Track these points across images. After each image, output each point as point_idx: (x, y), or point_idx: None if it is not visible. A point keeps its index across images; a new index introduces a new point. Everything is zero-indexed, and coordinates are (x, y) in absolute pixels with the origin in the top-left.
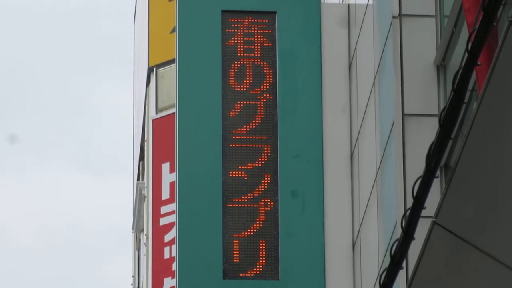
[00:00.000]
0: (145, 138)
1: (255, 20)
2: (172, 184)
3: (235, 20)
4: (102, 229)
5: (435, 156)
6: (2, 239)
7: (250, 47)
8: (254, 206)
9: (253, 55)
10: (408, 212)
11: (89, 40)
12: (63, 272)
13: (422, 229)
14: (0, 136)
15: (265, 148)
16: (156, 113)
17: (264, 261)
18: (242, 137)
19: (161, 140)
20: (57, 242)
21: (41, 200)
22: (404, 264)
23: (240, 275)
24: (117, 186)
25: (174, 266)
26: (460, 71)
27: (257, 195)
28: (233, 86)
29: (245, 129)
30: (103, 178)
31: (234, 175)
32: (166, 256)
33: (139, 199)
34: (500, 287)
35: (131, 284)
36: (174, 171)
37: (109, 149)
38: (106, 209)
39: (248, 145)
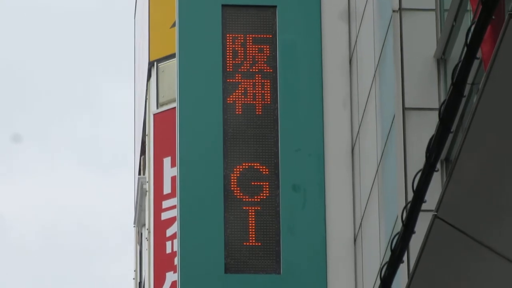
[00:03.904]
0: (146, 133)
1: (255, 14)
2: (173, 179)
3: (235, 14)
4: (105, 224)
5: (435, 149)
6: (6, 236)
7: (251, 41)
8: (255, 200)
9: (254, 49)
10: (408, 206)
11: (91, 37)
12: (66, 267)
13: (422, 222)
14: (5, 136)
15: (266, 143)
16: (157, 108)
17: (266, 255)
18: (243, 131)
19: (162, 134)
20: (61, 238)
21: (45, 196)
22: (405, 258)
23: (242, 269)
24: (121, 182)
25: (176, 261)
26: (460, 64)
27: (258, 189)
28: (233, 80)
29: (245, 123)
30: (107, 174)
31: (235, 169)
32: (168, 250)
33: (141, 193)
34: (501, 280)
35: (133, 279)
36: (175, 166)
37: (113, 145)
38: (110, 204)
39: (249, 139)
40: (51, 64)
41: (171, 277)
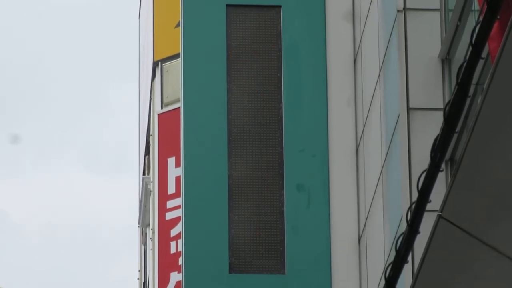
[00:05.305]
0: (151, 133)
1: (260, 14)
2: (177, 179)
3: (240, 14)
4: (109, 225)
5: (440, 150)
6: (10, 235)
7: (255, 41)
8: (260, 200)
9: (258, 49)
10: (413, 206)
11: (96, 37)
12: (70, 267)
13: (427, 223)
14: (6, 135)
15: (270, 142)
16: (162, 108)
17: (270, 255)
18: (247, 131)
19: (166, 134)
20: (65, 237)
21: (50, 196)
22: (409, 258)
23: (246, 269)
24: (125, 182)
25: (180, 261)
26: (464, 64)
27: (263, 189)
28: (238, 80)
29: (250, 123)
30: (111, 174)
31: (239, 169)
32: (172, 250)
33: (145, 193)
34: (506, 280)
35: (138, 279)
36: (179, 166)
37: (118, 145)
38: (114, 204)
39: (254, 139)
40: (55, 64)
41: (176, 277)
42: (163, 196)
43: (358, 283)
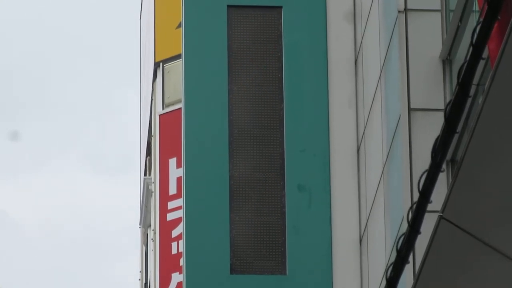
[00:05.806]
0: (152, 134)
1: (261, 15)
2: (179, 179)
3: (241, 15)
4: (111, 225)
5: (440, 150)
6: (11, 234)
7: (256, 42)
8: (261, 200)
9: (259, 50)
10: (414, 206)
11: (97, 37)
12: (72, 267)
13: (428, 223)
14: (8, 135)
15: (272, 143)
16: (163, 108)
17: (271, 256)
18: (248, 132)
19: (168, 135)
20: (66, 238)
21: (51, 196)
22: (410, 259)
23: (248, 270)
24: (127, 183)
25: (182, 262)
26: (465, 65)
27: (264, 189)
28: (239, 81)
29: (251, 124)
30: (113, 175)
31: (240, 170)
32: (174, 251)
33: (146, 194)
34: (507, 281)
35: (139, 280)
36: (181, 166)
37: (119, 146)
38: (116, 205)
39: (255, 140)
40: (56, 65)
41: (177, 278)
42: (164, 197)
43: (359, 284)
